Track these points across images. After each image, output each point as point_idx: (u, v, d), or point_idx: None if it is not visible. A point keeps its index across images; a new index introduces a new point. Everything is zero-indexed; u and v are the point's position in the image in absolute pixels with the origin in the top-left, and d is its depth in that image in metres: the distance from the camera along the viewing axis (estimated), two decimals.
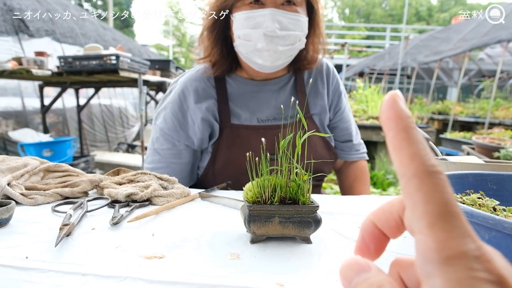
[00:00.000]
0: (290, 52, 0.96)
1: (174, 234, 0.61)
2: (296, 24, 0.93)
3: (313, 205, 0.57)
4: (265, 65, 0.97)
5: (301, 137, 0.57)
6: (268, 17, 0.89)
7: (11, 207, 0.62)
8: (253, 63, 0.99)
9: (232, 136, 1.01)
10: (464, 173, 0.66)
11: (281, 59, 0.96)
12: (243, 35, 0.93)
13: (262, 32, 0.89)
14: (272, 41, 0.91)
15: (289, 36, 0.92)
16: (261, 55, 0.94)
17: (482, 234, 0.42)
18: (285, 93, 1.09)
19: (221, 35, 1.02)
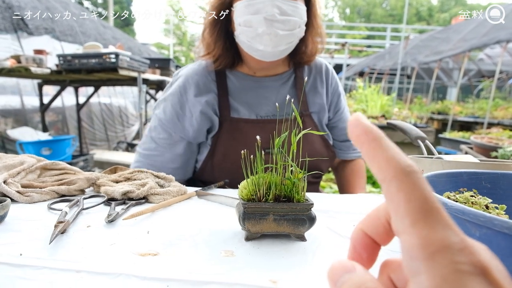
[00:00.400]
0: (290, 38, 0.97)
1: (170, 231, 0.61)
2: (295, 10, 0.95)
3: (308, 203, 0.57)
4: (266, 51, 0.97)
5: (296, 135, 0.58)
6: (268, 3, 0.91)
7: (6, 205, 0.62)
8: (254, 50, 0.99)
9: (231, 129, 1.03)
10: (459, 171, 0.66)
11: (282, 44, 0.97)
12: (244, 21, 0.95)
13: (263, 16, 0.91)
14: (272, 25, 0.92)
15: (288, 21, 0.94)
16: (262, 40, 0.95)
17: (473, 232, 0.42)
18: (285, 90, 1.10)
19: (223, 30, 1.04)
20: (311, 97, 1.12)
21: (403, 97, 11.57)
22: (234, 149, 1.01)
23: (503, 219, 0.38)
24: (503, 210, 0.55)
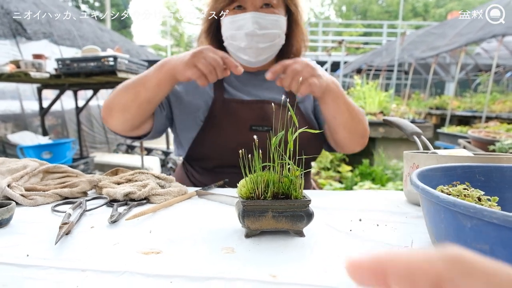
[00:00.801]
0: (271, 48, 1.07)
1: (171, 230, 0.63)
2: (274, 23, 1.03)
3: (305, 200, 0.58)
4: (250, 61, 1.08)
5: (293, 134, 0.59)
6: (248, 20, 1.00)
7: (11, 208, 0.64)
8: (240, 59, 1.10)
9: (224, 108, 1.11)
10: (453, 165, 0.68)
11: (264, 54, 1.07)
12: (229, 36, 1.06)
13: (244, 32, 1.01)
14: (253, 39, 1.02)
15: (268, 34, 1.03)
16: (245, 52, 1.05)
17: (465, 223, 0.44)
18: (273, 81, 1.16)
19: (215, 37, 1.15)
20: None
21: (401, 93, 11.58)
22: (225, 126, 1.09)
23: (492, 209, 0.40)
24: (495, 202, 0.57)
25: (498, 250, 0.41)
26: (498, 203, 0.64)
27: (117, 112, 1.01)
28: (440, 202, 0.46)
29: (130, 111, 0.99)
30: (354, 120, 1.07)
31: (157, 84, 0.96)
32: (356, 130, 1.09)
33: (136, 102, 0.98)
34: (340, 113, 1.03)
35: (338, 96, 1.01)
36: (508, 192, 0.66)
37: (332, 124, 1.08)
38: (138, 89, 0.97)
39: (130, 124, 1.03)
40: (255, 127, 1.09)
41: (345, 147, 1.15)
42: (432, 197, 0.48)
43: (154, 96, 0.98)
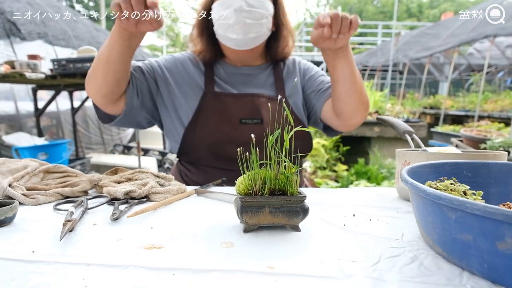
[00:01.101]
0: (257, 27, 1.11)
1: (172, 227, 0.65)
2: (261, 4, 1.10)
3: (301, 195, 0.61)
4: (239, 39, 1.12)
5: (288, 132, 0.62)
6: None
7: (15, 206, 0.66)
8: (229, 40, 1.14)
9: (214, 101, 1.16)
10: (441, 162, 0.71)
11: (251, 32, 1.11)
12: (219, 16, 1.11)
13: (233, 8, 1.07)
14: (241, 14, 1.07)
15: (254, 12, 1.09)
16: (234, 29, 1.10)
17: (450, 215, 0.47)
18: (263, 76, 1.25)
19: (206, 29, 1.20)
20: (287, 81, 1.25)
21: (396, 92, 11.66)
22: (215, 119, 1.14)
23: (474, 202, 0.42)
24: (480, 196, 0.60)
25: (480, 240, 0.44)
26: (484, 198, 0.67)
27: (90, 78, 1.04)
28: (427, 195, 0.49)
29: (97, 73, 1.01)
30: (362, 81, 1.10)
31: (110, 38, 0.96)
32: (364, 94, 1.10)
33: (98, 63, 1.00)
34: (354, 69, 1.05)
35: (351, 52, 1.05)
36: (493, 187, 0.70)
37: (347, 85, 1.06)
38: (101, 50, 1.00)
39: (102, 92, 1.04)
40: (245, 120, 1.13)
41: (353, 118, 1.13)
42: (420, 191, 0.51)
43: (110, 55, 0.97)
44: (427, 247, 0.56)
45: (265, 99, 1.18)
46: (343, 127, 1.18)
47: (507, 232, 0.41)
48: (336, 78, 1.06)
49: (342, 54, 1.01)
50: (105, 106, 1.09)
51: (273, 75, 1.25)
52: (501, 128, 3.66)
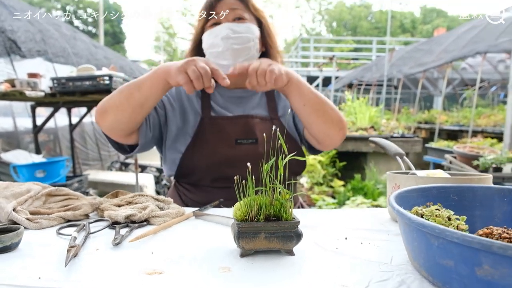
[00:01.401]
0: (245, 50, 1.16)
1: (172, 251, 0.68)
2: (247, 29, 1.16)
3: (295, 221, 0.64)
4: (230, 64, 1.16)
5: (283, 159, 0.65)
6: (223, 28, 1.14)
7: (21, 232, 0.68)
8: (221, 67, 1.17)
9: (211, 125, 1.20)
10: (429, 186, 0.74)
11: (240, 56, 1.16)
12: (209, 45, 1.17)
13: (220, 37, 1.13)
14: (228, 41, 1.13)
15: (241, 37, 1.14)
16: (223, 56, 1.15)
17: (432, 242, 0.50)
18: (256, 97, 1.30)
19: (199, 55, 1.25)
20: (279, 102, 1.31)
21: (391, 107, 11.80)
22: (212, 141, 1.18)
23: (454, 230, 0.46)
24: (464, 221, 0.63)
25: (461, 266, 0.47)
26: (469, 221, 0.70)
27: (110, 112, 1.05)
28: (412, 223, 0.53)
29: (123, 112, 1.04)
30: (325, 106, 1.13)
31: (150, 87, 1.02)
32: (330, 117, 1.13)
33: (129, 103, 1.02)
34: (307, 99, 1.10)
35: (300, 82, 1.10)
36: (478, 210, 0.73)
37: (304, 115, 1.12)
38: (132, 91, 1.03)
39: (122, 127, 1.07)
40: (240, 141, 1.18)
41: (326, 139, 1.17)
42: (406, 218, 0.54)
43: (147, 99, 1.03)
44: (414, 271, 0.59)
45: (259, 120, 1.22)
46: (323, 148, 1.24)
47: (484, 259, 0.44)
48: (294, 109, 1.15)
49: (288, 90, 1.09)
50: (118, 137, 1.13)
51: (266, 96, 1.31)
52: (494, 144, 3.72)
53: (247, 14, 1.20)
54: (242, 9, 1.19)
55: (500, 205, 0.73)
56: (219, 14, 1.18)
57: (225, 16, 1.17)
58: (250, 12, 1.21)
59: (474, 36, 6.47)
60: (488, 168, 2.73)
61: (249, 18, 1.20)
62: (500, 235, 0.58)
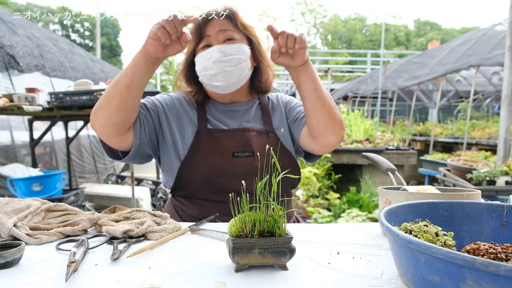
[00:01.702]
0: (238, 71, 1.20)
1: (169, 266, 0.69)
2: (237, 50, 1.19)
3: (288, 237, 0.66)
4: (223, 85, 1.21)
5: (276, 177, 0.68)
6: (214, 51, 1.17)
7: (22, 248, 0.70)
8: (214, 87, 1.24)
9: (208, 137, 1.24)
10: (419, 202, 0.77)
11: (233, 77, 1.20)
12: (202, 68, 1.21)
13: (212, 61, 1.17)
14: (220, 65, 1.17)
15: (233, 59, 1.18)
16: (217, 78, 1.19)
17: (419, 258, 0.52)
18: (251, 111, 1.34)
19: (191, 77, 1.31)
20: (273, 115, 1.34)
21: (386, 119, 11.90)
22: (209, 153, 1.21)
23: (439, 247, 0.48)
24: (451, 237, 0.65)
25: (446, 281, 0.49)
26: (458, 236, 0.73)
27: (101, 108, 1.05)
28: (400, 239, 0.55)
29: (112, 101, 1.03)
30: (330, 99, 1.14)
31: (133, 65, 1.02)
32: (333, 111, 1.12)
33: (115, 90, 1.02)
34: (318, 85, 1.11)
35: (313, 67, 1.11)
36: (467, 225, 0.76)
37: (313, 100, 1.10)
38: (118, 78, 1.03)
39: (114, 121, 1.05)
40: (237, 153, 1.20)
41: (325, 136, 1.14)
42: (394, 234, 0.57)
43: (132, 78, 1.02)
44: (403, 286, 0.61)
45: (255, 133, 1.25)
46: (320, 148, 1.19)
47: (468, 275, 0.47)
48: (302, 94, 1.13)
49: (304, 71, 1.08)
50: (113, 137, 1.09)
51: (261, 110, 1.34)
52: (488, 157, 3.76)
53: (237, 34, 1.23)
54: (232, 29, 1.22)
55: (488, 220, 0.75)
56: (209, 36, 1.20)
57: (215, 38, 1.20)
58: (240, 30, 1.24)
59: (468, 49, 6.60)
60: (482, 181, 2.77)
61: (239, 38, 1.23)
62: (487, 250, 0.60)
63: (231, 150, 1.20)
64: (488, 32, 6.93)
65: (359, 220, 3.23)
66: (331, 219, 3.55)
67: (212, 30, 1.21)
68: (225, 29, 1.21)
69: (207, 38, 1.21)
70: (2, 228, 0.83)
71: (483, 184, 2.85)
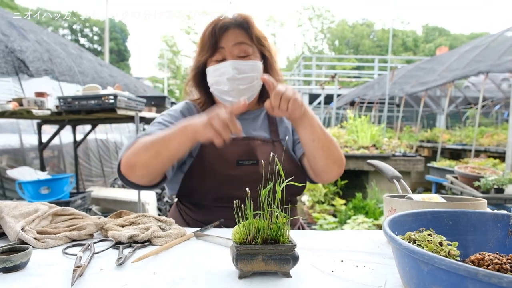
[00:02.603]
0: (250, 89, 1.22)
1: (173, 272, 0.70)
2: (251, 68, 1.20)
3: (291, 244, 0.67)
4: (234, 102, 1.20)
5: (280, 184, 0.68)
6: (229, 67, 1.18)
7: (29, 252, 0.71)
8: (225, 101, 1.25)
9: (212, 145, 1.18)
10: (423, 211, 0.77)
11: (245, 95, 1.22)
12: (214, 82, 1.22)
13: (226, 78, 1.18)
14: (234, 82, 1.18)
15: (246, 77, 1.19)
16: (229, 94, 1.21)
17: (422, 267, 0.52)
18: (258, 120, 1.34)
19: (201, 84, 1.31)
20: (280, 125, 1.35)
21: (393, 125, 11.84)
22: (213, 161, 1.21)
23: (442, 257, 0.48)
24: (456, 246, 0.65)
25: None
26: (462, 245, 0.72)
27: (139, 168, 1.05)
28: (403, 249, 0.55)
29: (153, 168, 1.05)
30: (330, 144, 1.16)
31: (179, 144, 1.02)
32: (333, 155, 1.16)
33: (158, 160, 1.04)
34: (317, 136, 1.12)
35: (314, 119, 1.12)
36: (472, 235, 0.75)
37: (310, 149, 1.15)
38: (160, 150, 1.02)
39: (152, 178, 1.10)
40: (241, 162, 1.20)
41: (324, 174, 1.21)
42: (397, 244, 0.57)
43: (175, 155, 1.04)
44: None
45: (261, 142, 1.25)
46: (319, 181, 1.27)
47: (471, 286, 0.46)
48: (300, 140, 1.16)
49: (300, 122, 1.10)
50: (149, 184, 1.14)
51: (267, 119, 1.35)
52: (496, 164, 3.72)
53: (251, 48, 1.21)
54: (247, 41, 1.21)
55: (494, 230, 0.75)
56: (224, 49, 1.19)
57: (230, 52, 1.19)
58: (254, 44, 1.23)
59: (477, 55, 6.55)
60: (490, 189, 2.74)
61: (252, 52, 1.22)
62: (492, 261, 0.60)
63: (235, 158, 1.20)
64: (498, 38, 6.88)
65: (365, 226, 3.21)
66: (337, 226, 3.53)
67: (227, 43, 1.19)
68: (240, 42, 1.20)
69: (222, 50, 1.20)
70: (10, 232, 0.84)
71: (491, 192, 2.81)
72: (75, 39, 28.46)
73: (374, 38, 34.46)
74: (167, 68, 24.46)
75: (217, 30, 1.19)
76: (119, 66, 25.20)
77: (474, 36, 29.34)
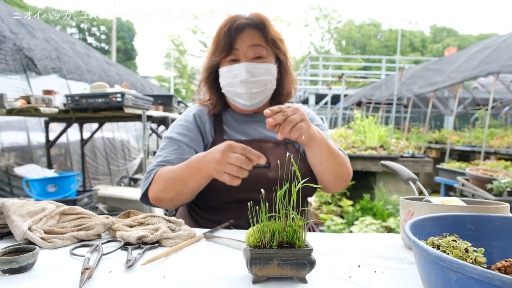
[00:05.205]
0: (263, 92, 1.22)
1: (183, 276, 0.67)
2: (265, 71, 1.19)
3: (308, 248, 0.64)
4: (246, 104, 1.23)
5: (296, 186, 0.65)
6: (242, 69, 1.16)
7: (36, 253, 0.69)
8: (237, 103, 1.25)
9: None
10: (444, 215, 0.73)
11: (257, 98, 1.22)
12: (227, 83, 1.21)
13: (239, 80, 1.17)
14: (247, 85, 1.17)
15: (260, 81, 1.18)
16: (241, 96, 1.20)
17: (450, 276, 0.49)
18: None
19: (214, 84, 1.29)
20: None
21: (401, 126, 11.74)
22: None
23: (473, 266, 0.45)
24: (481, 253, 0.62)
25: None
26: (486, 251, 0.69)
27: (167, 202, 1.11)
28: (429, 255, 0.52)
29: (179, 201, 1.11)
30: (338, 166, 1.15)
31: (198, 184, 1.05)
32: (340, 175, 1.17)
33: (182, 196, 1.09)
34: (325, 160, 1.11)
35: (322, 143, 1.08)
36: (495, 241, 0.72)
37: (317, 170, 1.16)
38: (181, 188, 1.07)
39: (180, 204, 1.16)
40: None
41: (329, 189, 1.23)
42: (422, 250, 0.53)
43: (197, 189, 1.09)
44: None
45: (272, 144, 1.22)
46: (326, 191, 1.28)
47: None
48: (312, 163, 1.15)
49: (307, 146, 1.08)
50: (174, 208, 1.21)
51: None
52: (508, 167, 3.65)
53: (266, 50, 1.19)
54: (262, 43, 1.18)
55: None
56: (238, 51, 1.17)
57: (244, 54, 1.17)
58: (269, 46, 1.20)
59: (487, 56, 6.46)
60: (503, 192, 2.68)
61: (267, 55, 1.20)
62: None
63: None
64: (508, 39, 6.77)
65: (373, 228, 3.17)
66: (344, 227, 3.49)
67: (242, 44, 1.17)
68: (255, 44, 1.17)
69: (236, 52, 1.18)
70: (16, 231, 0.82)
71: (504, 195, 2.75)
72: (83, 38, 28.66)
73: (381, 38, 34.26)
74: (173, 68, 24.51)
75: (233, 30, 1.16)
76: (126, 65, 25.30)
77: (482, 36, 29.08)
